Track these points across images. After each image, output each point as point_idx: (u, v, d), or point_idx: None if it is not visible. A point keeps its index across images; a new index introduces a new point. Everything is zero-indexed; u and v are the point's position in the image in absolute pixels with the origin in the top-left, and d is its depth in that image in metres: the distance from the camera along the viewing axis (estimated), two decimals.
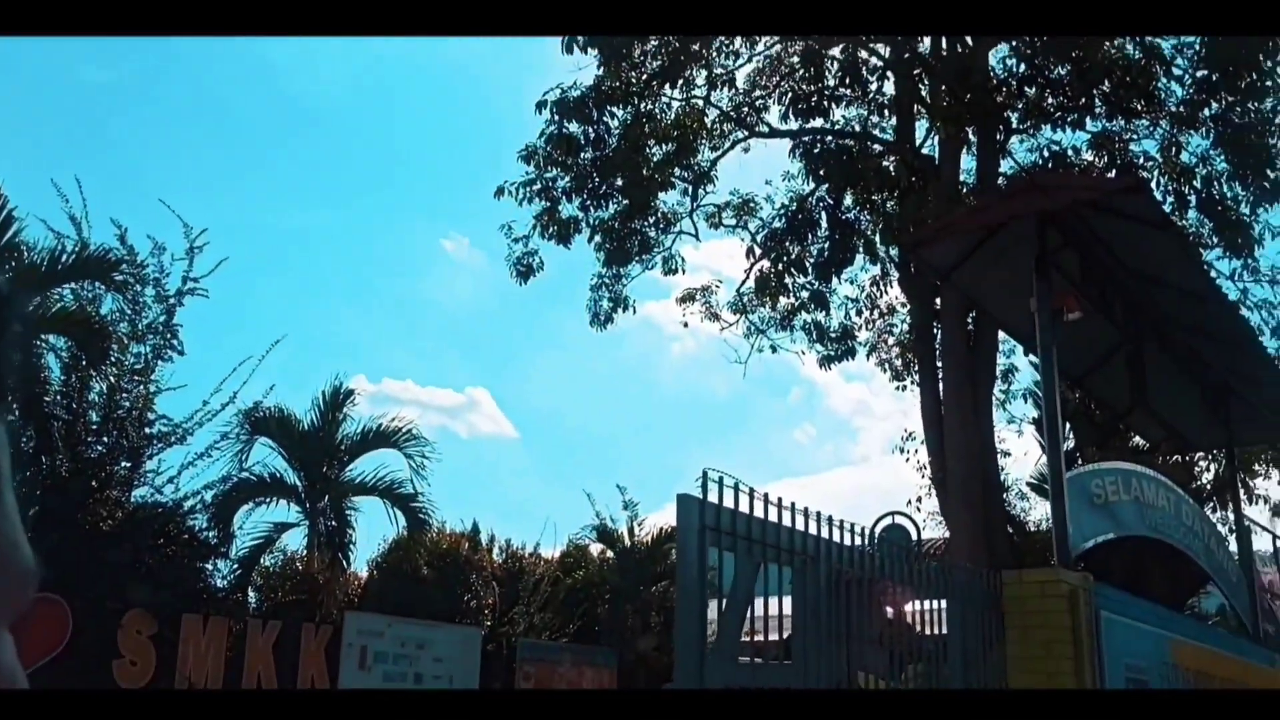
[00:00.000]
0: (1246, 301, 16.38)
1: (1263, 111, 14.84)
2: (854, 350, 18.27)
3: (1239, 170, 15.03)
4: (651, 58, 15.73)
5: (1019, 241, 10.41)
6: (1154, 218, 10.43)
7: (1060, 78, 14.28)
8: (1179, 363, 13.16)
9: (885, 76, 16.52)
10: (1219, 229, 15.45)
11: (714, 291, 19.35)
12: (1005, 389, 19.14)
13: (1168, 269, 11.49)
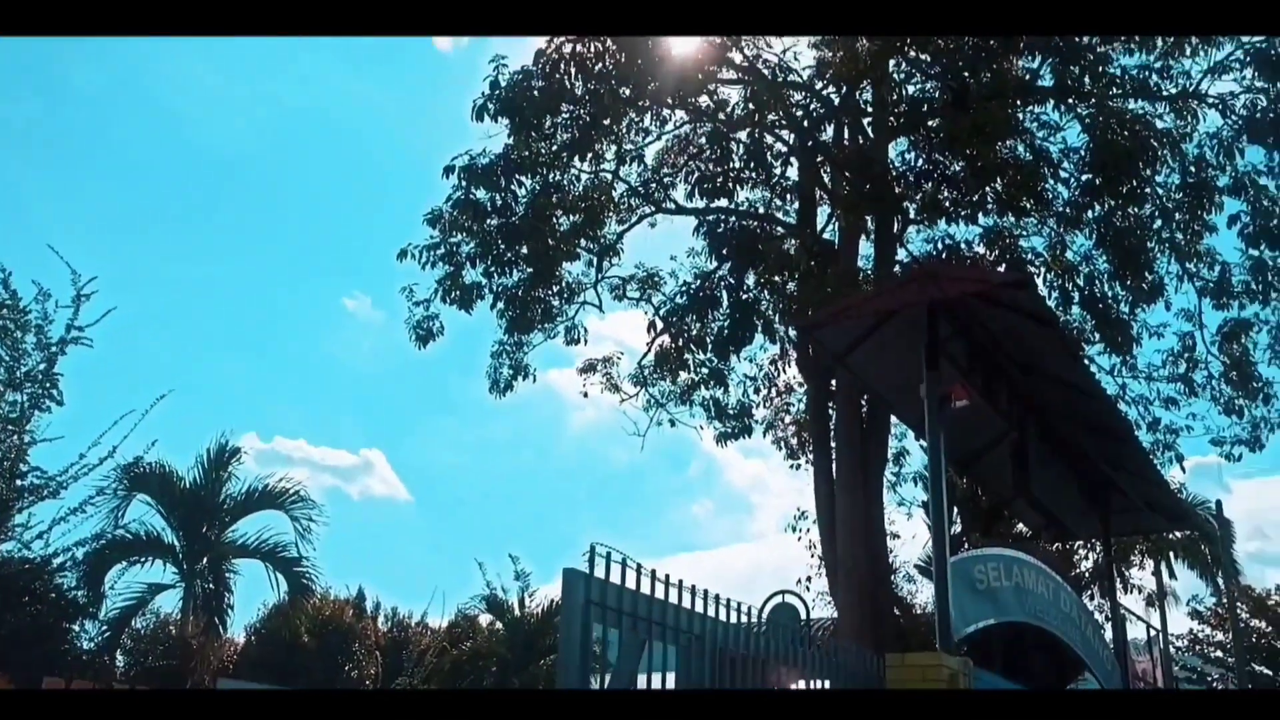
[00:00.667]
0: (1124, 397, 17.08)
1: (1141, 217, 15.63)
2: (751, 428, 18.47)
3: (1119, 271, 15.76)
4: (562, 130, 15.90)
5: (911, 328, 10.68)
6: (1039, 312, 10.81)
7: (956, 174, 14.85)
8: (1060, 453, 13.56)
9: (789, 162, 16.99)
10: (1100, 326, 16.11)
11: (616, 362, 19.45)
12: (897, 471, 19.51)
13: (1051, 362, 11.89)
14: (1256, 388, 16.16)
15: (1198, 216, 15.79)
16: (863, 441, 15.49)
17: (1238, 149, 15.22)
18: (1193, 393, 16.67)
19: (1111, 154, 14.18)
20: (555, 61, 15.11)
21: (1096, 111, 15.02)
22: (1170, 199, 15.74)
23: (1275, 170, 15.15)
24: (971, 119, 13.58)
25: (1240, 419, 16.35)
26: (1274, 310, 15.81)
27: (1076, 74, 15.02)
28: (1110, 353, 16.46)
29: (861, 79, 15.28)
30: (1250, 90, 14.93)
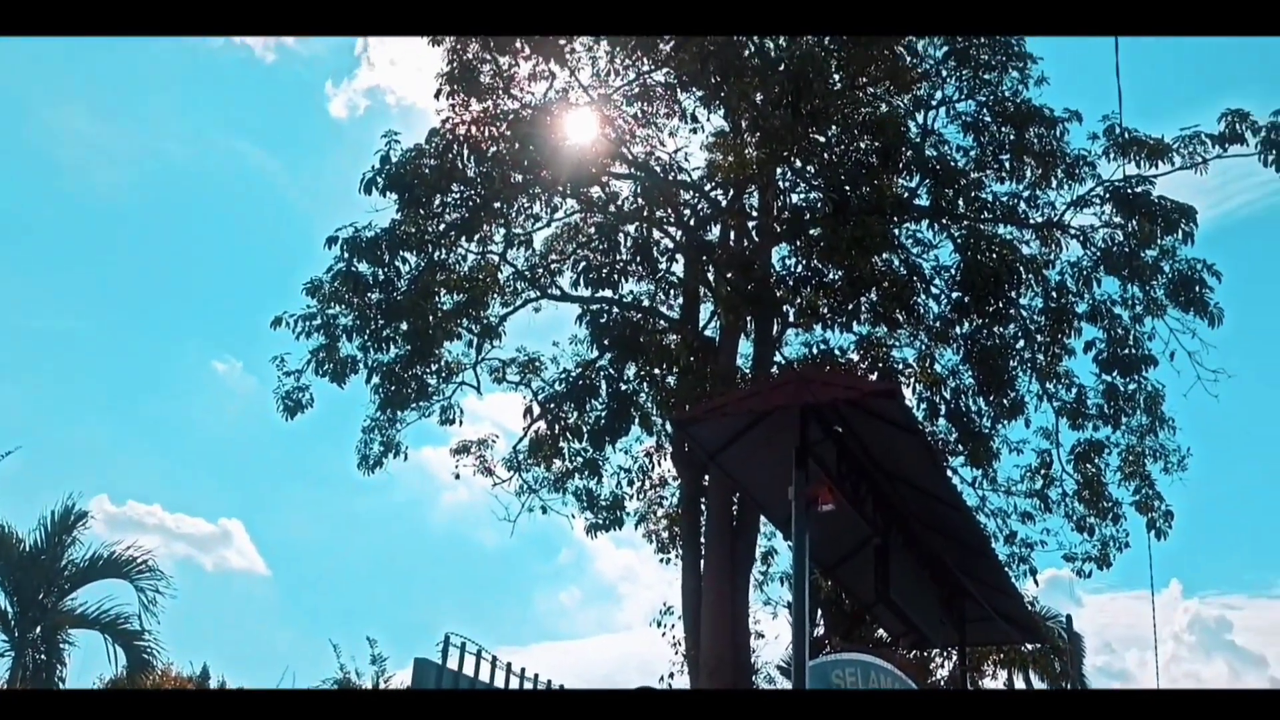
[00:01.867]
0: (984, 509, 17.59)
1: (1006, 337, 16.32)
2: (622, 520, 18.36)
3: (983, 387, 16.37)
4: (451, 209, 15.91)
5: (783, 430, 10.83)
6: (904, 422, 11.08)
7: (834, 282, 15.32)
8: (921, 561, 13.81)
9: (675, 258, 17.29)
10: (963, 439, 16.64)
11: (491, 445, 19.22)
12: (765, 571, 19.60)
13: (915, 471, 12.17)
14: (1106, 507, 16.77)
15: (1058, 340, 16.52)
16: (732, 539, 15.58)
17: (1095, 279, 16.11)
18: (1048, 509, 17.23)
19: (980, 274, 14.84)
20: (449, 142, 15.19)
21: (968, 233, 15.75)
22: (1033, 321, 16.47)
23: (1128, 301, 16.02)
24: (851, 231, 14.06)
25: (1091, 537, 16.92)
26: (1124, 434, 16.55)
27: (951, 196, 15.77)
28: (972, 465, 16.98)
29: (749, 184, 15.75)
30: (1108, 225, 15.84)
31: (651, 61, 16.47)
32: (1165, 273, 15.58)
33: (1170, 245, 15.45)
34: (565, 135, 15.57)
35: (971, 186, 16.14)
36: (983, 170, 16.39)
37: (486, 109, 16.25)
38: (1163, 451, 16.54)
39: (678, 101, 16.63)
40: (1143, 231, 15.29)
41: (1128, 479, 16.64)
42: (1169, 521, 16.34)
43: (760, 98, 14.52)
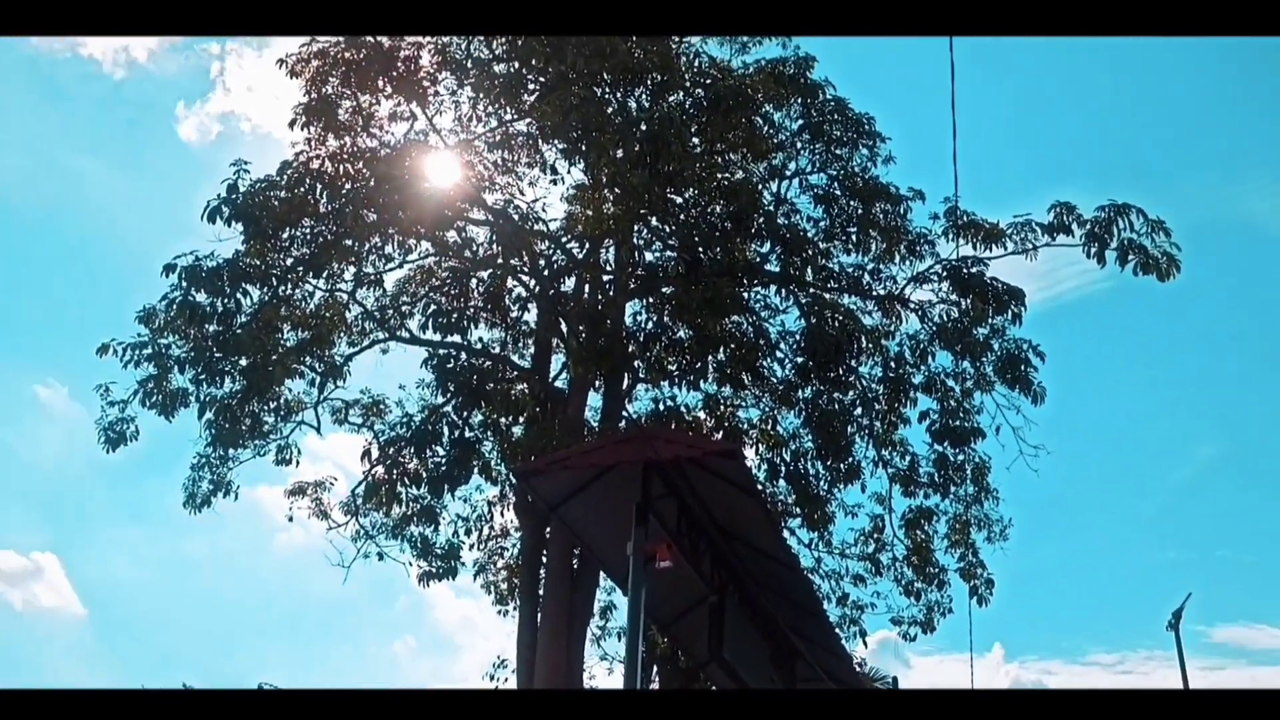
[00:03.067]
0: (819, 570, 17.97)
1: (845, 403, 16.80)
2: (456, 570, 18.05)
3: (822, 451, 16.77)
4: (300, 243, 15.50)
5: (625, 486, 10.85)
6: (744, 483, 11.27)
7: (683, 341, 15.52)
8: (755, 621, 13.98)
9: (527, 308, 17.26)
10: (801, 501, 16.99)
11: (329, 488, 18.64)
12: (603, 625, 19.52)
13: (753, 531, 12.35)
14: (933, 573, 17.33)
15: (895, 409, 17.08)
16: (571, 592, 15.44)
17: (931, 352, 16.79)
18: (879, 572, 17.71)
19: (823, 341, 15.26)
20: (302, 175, 14.84)
21: (814, 301, 16.21)
22: (872, 390, 17.01)
23: (960, 376, 16.71)
24: (702, 291, 14.30)
25: (918, 601, 17.45)
26: (952, 502, 17.18)
27: (799, 264, 16.23)
28: (809, 527, 17.34)
29: (605, 238, 15.88)
30: (945, 301, 16.54)
31: (514, 110, 16.51)
32: (995, 350, 16.33)
33: (1000, 324, 16.22)
34: (423, 177, 15.40)
35: (820, 256, 16.66)
36: (831, 241, 16.93)
37: (344, 145, 15.96)
38: (986, 521, 17.24)
39: (539, 152, 16.69)
40: (976, 310, 16.02)
41: (954, 546, 17.26)
42: (990, 589, 17.05)
43: (620, 154, 14.69)
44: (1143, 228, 14.96)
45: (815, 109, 17.08)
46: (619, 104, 16.05)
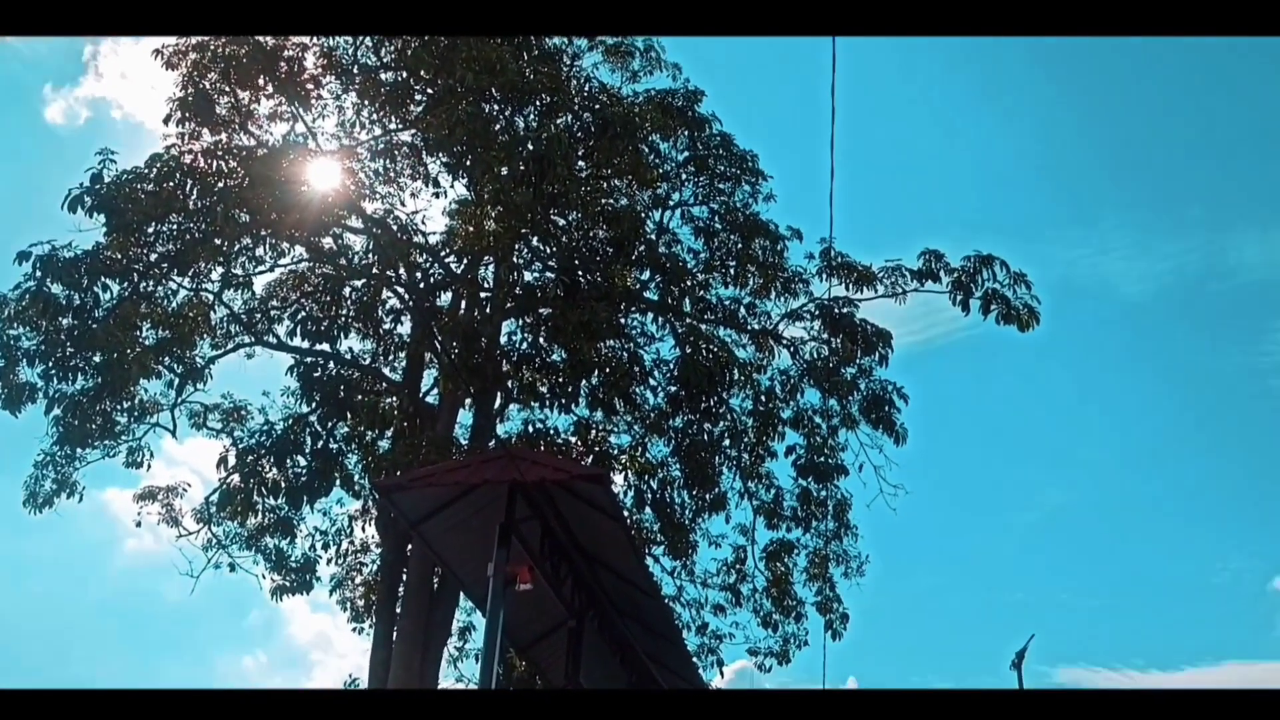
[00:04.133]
0: (680, 599, 18.07)
1: (714, 434, 16.99)
2: (311, 585, 17.59)
3: (689, 480, 16.91)
4: (166, 240, 14.91)
5: (490, 506, 10.76)
6: (610, 509, 11.29)
7: (557, 363, 15.47)
8: (614, 647, 13.98)
9: (401, 320, 16.98)
10: (666, 529, 17.08)
11: (182, 494, 17.96)
12: (461, 646, 19.22)
13: (616, 558, 12.38)
14: (791, 605, 17.62)
15: (763, 442, 17.38)
16: (429, 612, 15.17)
17: (800, 388, 17.14)
18: (739, 603, 17.92)
19: (696, 372, 15.45)
20: (172, 169, 14.31)
21: (689, 331, 16.38)
22: (741, 422, 17.25)
23: (827, 413, 17.09)
24: (579, 315, 14.30)
25: (775, 632, 17.71)
26: (813, 537, 17.52)
27: (677, 294, 16.40)
28: (672, 556, 17.43)
29: (485, 255, 15.74)
30: (816, 339, 16.92)
31: (399, 120, 16.29)
32: (861, 390, 16.77)
33: (868, 365, 16.68)
34: (301, 180, 15.02)
35: (698, 287, 16.87)
36: (710, 273, 17.17)
37: (219, 141, 15.48)
38: (845, 556, 17.62)
39: (423, 164, 16.51)
40: (845, 350, 16.45)
41: (812, 580, 17.57)
42: (845, 623, 17.38)
43: (505, 172, 14.61)
44: (1005, 279, 15.60)
45: (701, 142, 17.36)
46: (506, 121, 15.99)
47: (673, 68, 17.32)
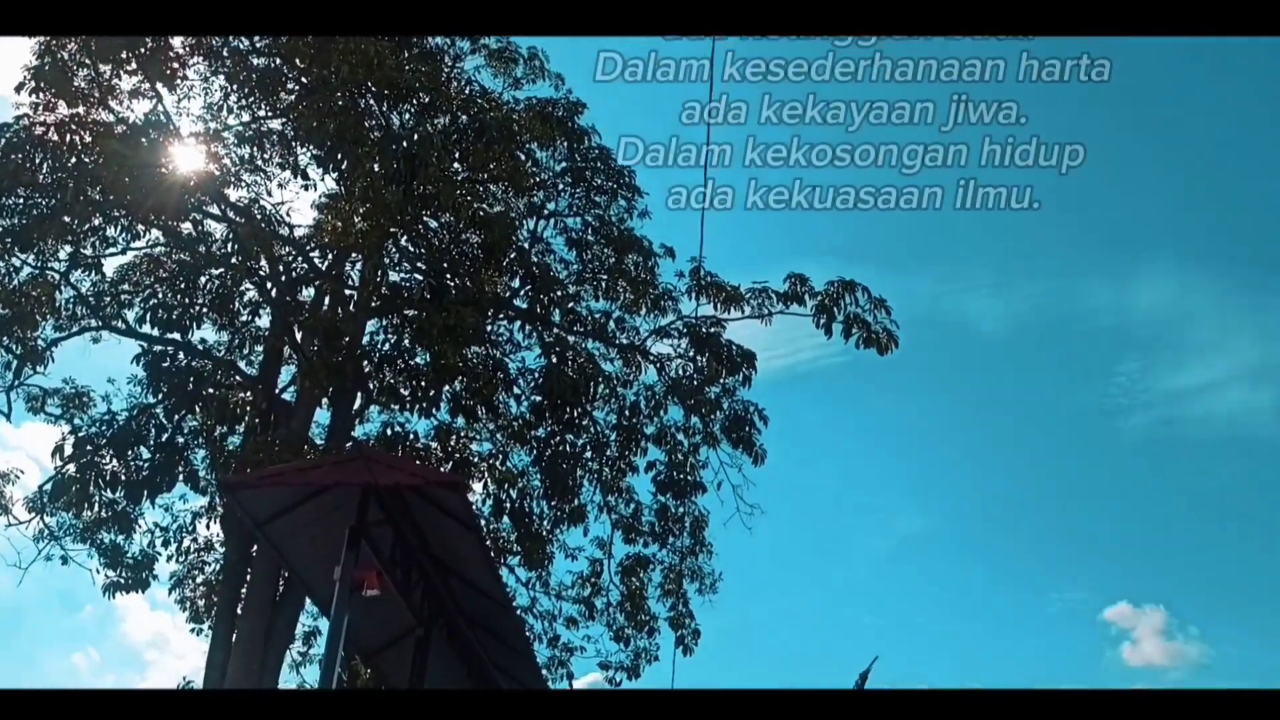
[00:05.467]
0: (534, 610, 17.95)
1: (576, 445, 16.97)
2: (148, 582, 16.83)
3: (549, 491, 16.83)
4: (10, 214, 14.14)
5: (340, 508, 10.47)
6: (465, 517, 11.12)
7: (420, 366, 15.21)
8: (462, 657, 13.79)
9: (260, 313, 16.46)
10: (522, 539, 16.94)
11: (14, 480, 16.97)
12: (305, 652, 18.68)
13: (469, 566, 12.20)
14: (644, 620, 17.68)
15: (625, 457, 17.45)
16: (272, 615, 14.70)
17: (664, 405, 17.27)
18: (592, 616, 17.90)
19: (560, 382, 15.41)
20: (22, 141, 13.59)
21: (556, 341, 16.34)
22: (604, 435, 17.27)
23: (689, 430, 17.27)
24: (445, 319, 14.10)
25: (626, 647, 17.74)
26: (669, 553, 17.64)
27: (547, 303, 16.33)
28: (527, 566, 17.31)
29: (352, 251, 15.39)
30: (682, 357, 17.08)
31: (269, 107, 15.81)
32: (723, 409, 16.97)
33: (732, 385, 16.90)
34: (161, 161, 14.43)
35: (568, 298, 16.84)
36: (581, 285, 17.17)
37: (76, 115, 14.75)
38: (699, 573, 17.78)
39: (292, 154, 16.02)
40: (710, 369, 16.63)
41: (666, 595, 17.69)
42: (696, 639, 17.54)
43: (377, 168, 14.32)
44: (867, 304, 16.02)
45: (580, 154, 17.36)
46: (381, 118, 15.70)
47: (556, 77, 17.27)
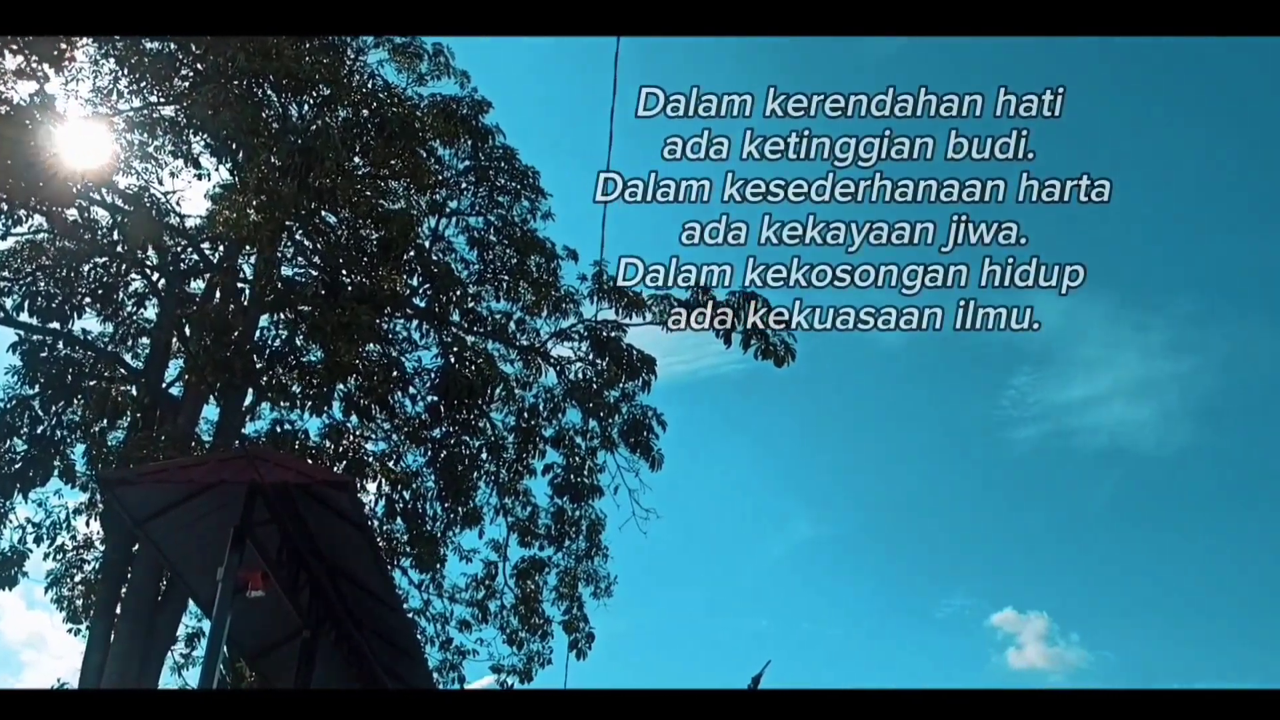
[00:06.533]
0: (426, 613, 17.74)
1: (473, 447, 16.83)
2: (17, 580, 16.16)
3: (444, 493, 16.65)
4: None
5: (226, 507, 10.23)
6: (355, 517, 10.97)
7: (313, 363, 14.91)
8: (349, 659, 13.56)
9: (145, 304, 15.96)
10: (415, 541, 16.72)
11: None
12: (188, 654, 18.15)
13: (358, 568, 12.02)
14: (538, 624, 17.60)
15: (522, 459, 17.37)
16: (153, 615, 14.26)
17: (563, 408, 17.23)
18: (485, 619, 17.74)
19: (457, 383, 15.26)
20: None
21: (454, 341, 16.18)
22: (502, 438, 17.16)
23: (588, 434, 17.26)
24: (340, 316, 13.85)
25: (520, 650, 17.63)
26: (564, 556, 17.60)
27: (445, 303, 16.16)
28: (419, 569, 17.09)
29: (245, 244, 15.02)
30: (582, 360, 17.05)
31: (163, 94, 15.33)
32: (622, 414, 17.01)
33: (631, 390, 16.94)
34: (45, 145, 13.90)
35: (469, 298, 16.69)
36: (482, 285, 17.04)
37: None
38: (594, 577, 17.76)
39: (185, 142, 15.57)
40: (610, 373, 16.65)
41: (561, 599, 17.63)
42: (590, 643, 17.51)
43: (273, 160, 13.99)
44: (766, 316, 16.19)
45: (484, 153, 17.23)
46: (279, 109, 15.35)
47: (461, 75, 17.10)
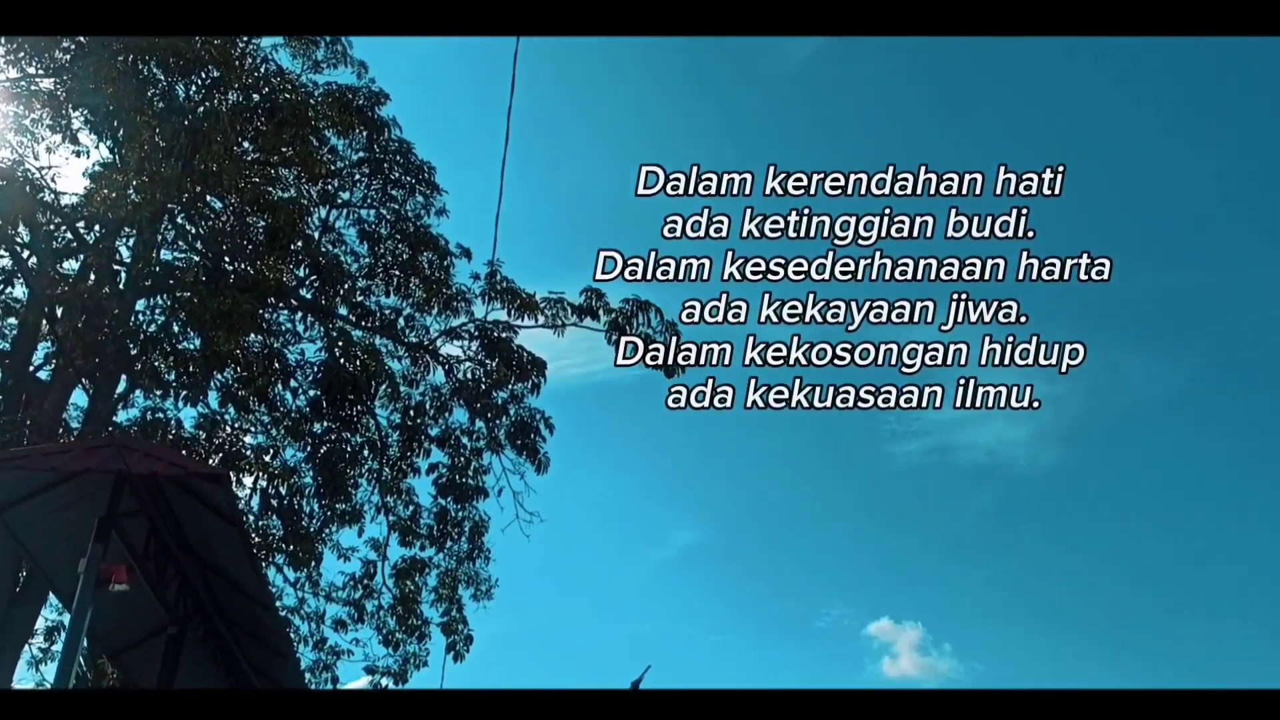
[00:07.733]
0: (301, 611, 17.36)
1: (355, 444, 16.55)
2: None
3: (322, 489, 16.32)
4: None
5: (90, 496, 9.89)
6: (227, 511, 10.67)
7: (190, 351, 14.46)
8: (216, 657, 13.22)
9: (13, 282, 15.28)
10: (291, 538, 16.35)
11: None
12: (46, 648, 17.46)
13: (230, 564, 11.71)
14: (416, 625, 17.38)
15: (406, 457, 17.13)
16: (9, 607, 13.70)
17: (450, 407, 17.05)
18: (362, 619, 17.44)
19: (339, 378, 14.99)
20: None
21: (339, 335, 15.87)
22: (386, 435, 16.90)
23: (474, 434, 17.14)
24: (220, 303, 13.48)
25: (395, 651, 17.38)
26: (446, 557, 17.41)
27: (332, 295, 15.85)
28: (294, 566, 16.72)
29: (124, 226, 14.50)
30: (472, 360, 16.90)
31: (41, 65, 14.70)
32: (510, 415, 16.91)
33: (520, 391, 16.87)
34: None
35: (357, 292, 16.41)
36: (372, 279, 16.76)
37: None
38: (475, 578, 17.62)
39: (64, 117, 14.96)
40: (499, 374, 16.54)
41: (440, 600, 17.44)
42: (468, 645, 17.38)
43: (157, 140, 13.53)
44: (659, 326, 16.29)
45: (379, 145, 16.97)
46: (165, 88, 14.86)
47: (359, 65, 16.82)
